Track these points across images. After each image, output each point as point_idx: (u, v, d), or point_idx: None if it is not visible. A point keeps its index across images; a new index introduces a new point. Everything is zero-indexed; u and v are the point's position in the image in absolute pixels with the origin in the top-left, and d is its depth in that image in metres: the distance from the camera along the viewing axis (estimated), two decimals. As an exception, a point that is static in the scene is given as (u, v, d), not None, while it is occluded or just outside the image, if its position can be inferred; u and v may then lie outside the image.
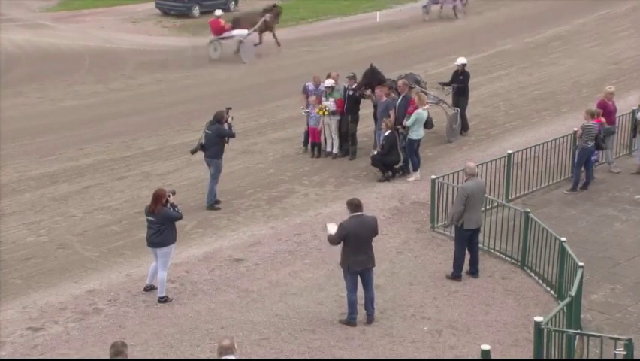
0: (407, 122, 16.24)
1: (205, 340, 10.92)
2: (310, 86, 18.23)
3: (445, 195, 13.98)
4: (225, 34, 28.14)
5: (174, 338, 11.01)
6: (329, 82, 17.66)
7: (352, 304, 11.26)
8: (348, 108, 17.50)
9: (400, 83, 17.16)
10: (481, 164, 15.00)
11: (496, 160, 15.23)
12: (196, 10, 35.43)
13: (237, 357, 8.48)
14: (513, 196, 15.35)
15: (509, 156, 15.14)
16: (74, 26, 33.55)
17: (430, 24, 33.98)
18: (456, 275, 12.53)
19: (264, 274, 12.83)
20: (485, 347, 9.08)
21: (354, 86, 17.45)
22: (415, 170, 16.55)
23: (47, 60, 28.27)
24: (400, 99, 16.71)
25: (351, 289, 11.19)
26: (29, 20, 34.18)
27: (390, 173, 16.54)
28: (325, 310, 11.70)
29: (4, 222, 14.78)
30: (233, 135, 15.55)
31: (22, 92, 24.24)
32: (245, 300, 12.03)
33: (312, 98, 17.81)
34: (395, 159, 16.52)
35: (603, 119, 15.98)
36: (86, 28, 33.19)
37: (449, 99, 19.18)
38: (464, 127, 19.25)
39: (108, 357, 8.46)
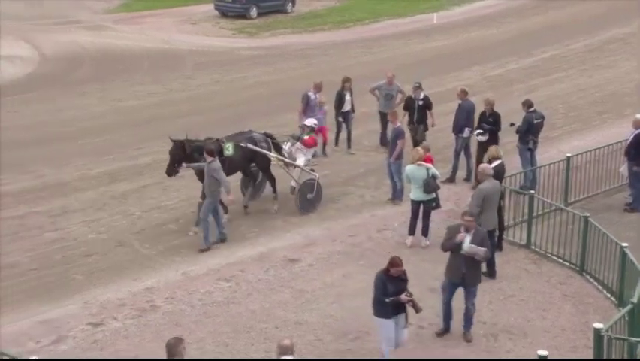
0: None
1: (260, 339, 11.01)
2: (312, 95, 17.46)
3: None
4: None
5: (229, 336, 11.12)
6: (310, 121, 16.15)
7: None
8: (419, 119, 17.04)
9: (458, 90, 16.95)
10: (540, 167, 14.77)
11: (554, 163, 14.99)
12: (254, 12, 35.68)
13: (295, 357, 8.51)
14: (572, 200, 15.08)
15: (568, 159, 14.87)
16: (135, 28, 34.10)
17: (487, 26, 33.59)
18: None
19: (319, 274, 12.86)
20: (543, 352, 8.95)
21: (422, 96, 17.23)
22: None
23: (109, 61, 28.81)
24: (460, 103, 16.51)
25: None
26: (92, 22, 34.90)
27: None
28: (379, 312, 11.65)
29: (67, 219, 15.14)
30: None
31: (85, 92, 24.76)
32: (299, 300, 12.08)
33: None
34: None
35: None
36: (146, 30, 33.72)
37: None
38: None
39: (165, 355, 8.41)
